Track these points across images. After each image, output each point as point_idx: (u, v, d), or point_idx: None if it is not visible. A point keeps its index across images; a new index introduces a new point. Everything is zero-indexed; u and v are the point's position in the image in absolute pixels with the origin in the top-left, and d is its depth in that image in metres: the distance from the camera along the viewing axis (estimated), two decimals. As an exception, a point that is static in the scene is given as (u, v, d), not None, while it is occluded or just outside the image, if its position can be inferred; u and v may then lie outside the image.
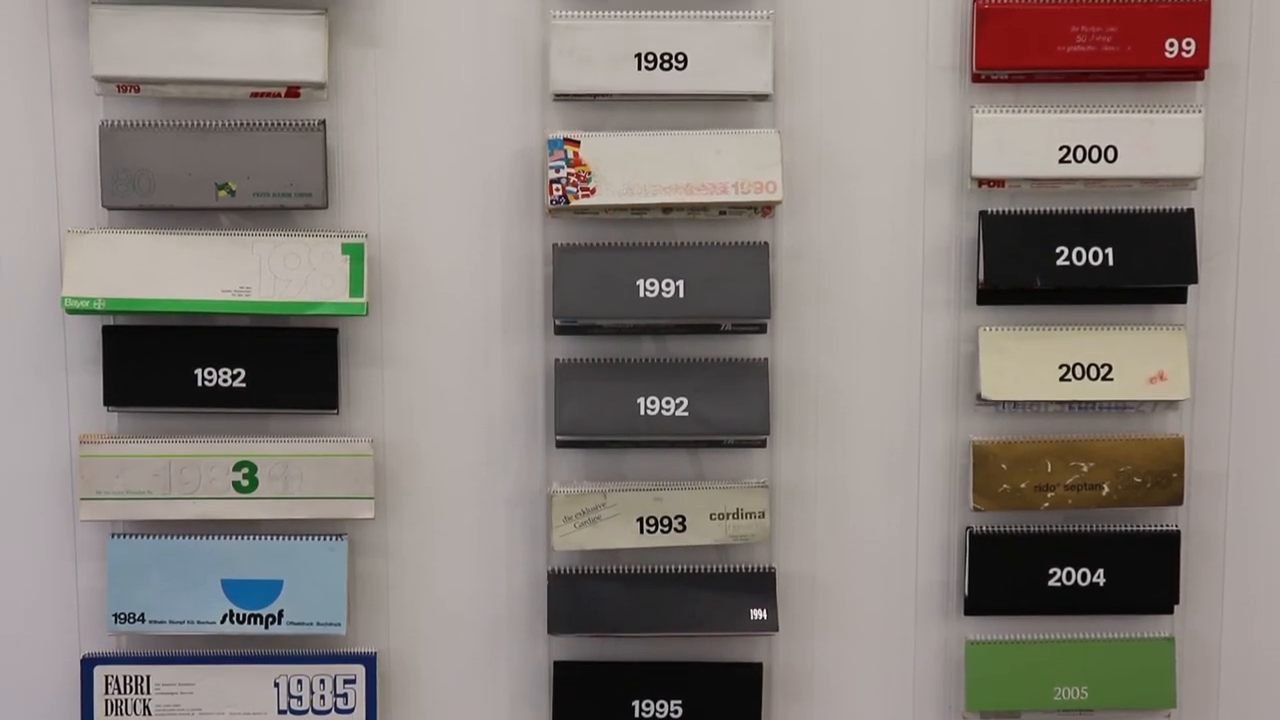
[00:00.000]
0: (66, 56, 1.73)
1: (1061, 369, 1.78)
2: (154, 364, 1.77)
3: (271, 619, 1.78)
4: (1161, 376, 1.79)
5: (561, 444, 1.79)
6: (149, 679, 1.80)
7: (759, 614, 1.79)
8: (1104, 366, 1.78)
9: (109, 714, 1.80)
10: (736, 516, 1.79)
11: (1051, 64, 1.74)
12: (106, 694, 1.80)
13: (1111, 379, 1.78)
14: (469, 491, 1.82)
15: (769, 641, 1.85)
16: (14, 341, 1.78)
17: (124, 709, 1.80)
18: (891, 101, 1.77)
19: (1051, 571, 1.82)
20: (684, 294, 1.75)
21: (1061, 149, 1.75)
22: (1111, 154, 1.75)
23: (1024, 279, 1.77)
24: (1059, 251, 1.77)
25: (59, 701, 1.84)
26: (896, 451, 1.83)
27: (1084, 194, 1.78)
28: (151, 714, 1.80)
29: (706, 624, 1.80)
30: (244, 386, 1.77)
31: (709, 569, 1.81)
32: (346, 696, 1.81)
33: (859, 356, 1.81)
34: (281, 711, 1.80)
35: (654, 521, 1.79)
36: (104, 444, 1.77)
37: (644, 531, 1.79)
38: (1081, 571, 1.82)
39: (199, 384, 1.76)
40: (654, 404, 1.76)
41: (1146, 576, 1.82)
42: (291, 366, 1.77)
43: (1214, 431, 1.84)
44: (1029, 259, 1.77)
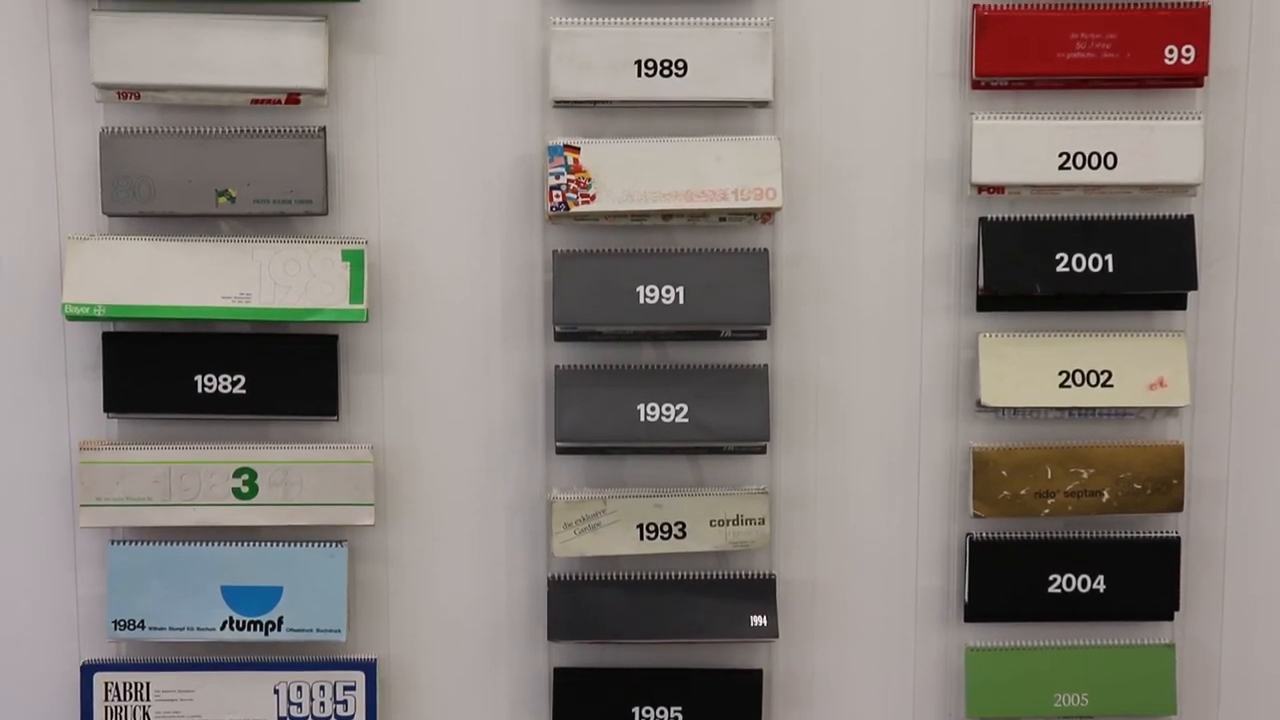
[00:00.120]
0: (67, 63, 1.73)
1: (1061, 375, 1.78)
2: (154, 370, 1.77)
3: (271, 626, 1.78)
4: (1161, 383, 1.79)
5: (561, 450, 1.79)
6: (149, 686, 1.80)
7: (759, 620, 1.79)
8: (1104, 373, 1.78)
9: (109, 720, 1.80)
10: (736, 523, 1.79)
11: (1051, 71, 1.75)
12: (106, 700, 1.80)
13: (1111, 385, 1.78)
14: (469, 498, 1.82)
15: (769, 648, 1.85)
16: (14, 348, 1.79)
17: (124, 715, 1.80)
18: (891, 108, 1.77)
19: (1052, 578, 1.82)
20: (684, 300, 1.75)
21: (1061, 155, 1.75)
22: (1111, 160, 1.75)
23: (1024, 285, 1.77)
24: (1059, 258, 1.77)
25: (59, 708, 1.83)
26: (896, 458, 1.83)
27: (1084, 200, 1.78)
28: (151, 720, 1.81)
29: (706, 630, 1.80)
30: (244, 393, 1.77)
31: (709, 575, 1.81)
32: (346, 703, 1.81)
33: (859, 363, 1.81)
34: (281, 718, 1.80)
35: (654, 528, 1.79)
36: (104, 450, 1.77)
37: (644, 538, 1.79)
38: (1082, 578, 1.82)
39: (199, 390, 1.77)
40: (654, 410, 1.76)
41: (1147, 583, 1.82)
42: (291, 373, 1.77)
43: (1214, 438, 1.84)
44: (1029, 265, 1.77)
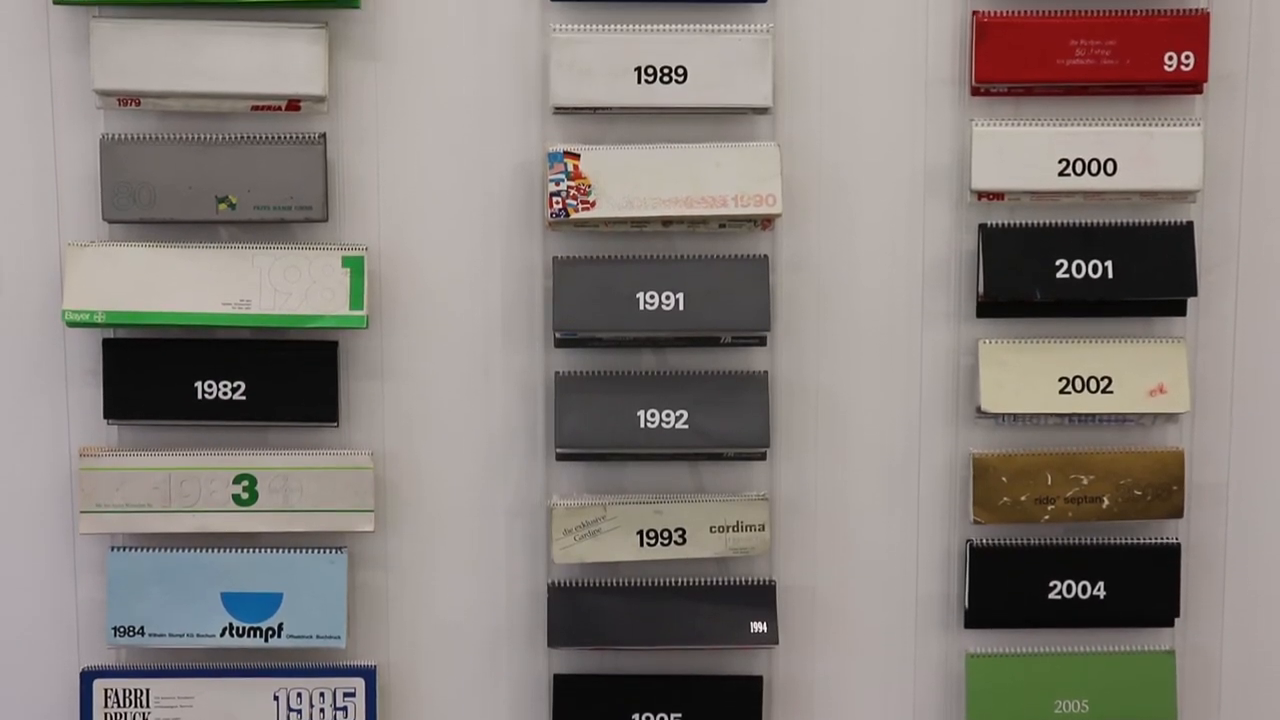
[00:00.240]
0: (67, 70, 1.74)
1: (1061, 382, 1.78)
2: (154, 377, 1.77)
3: (271, 632, 1.78)
4: (1161, 389, 1.79)
5: (561, 456, 1.79)
6: (148, 692, 1.80)
7: (759, 627, 1.79)
8: (1104, 379, 1.78)
9: (108, 727, 1.80)
10: (736, 529, 1.79)
11: (1051, 77, 1.75)
12: (106, 707, 1.80)
13: (1111, 392, 1.78)
14: (469, 504, 1.82)
15: (769, 654, 1.85)
16: (14, 354, 1.79)
17: (123, 722, 1.80)
18: (891, 114, 1.77)
19: (1052, 584, 1.82)
20: (684, 307, 1.75)
21: (1061, 162, 1.75)
22: (1111, 167, 1.75)
23: (1024, 291, 1.77)
24: (1059, 264, 1.77)
25: (58, 715, 1.83)
26: (896, 464, 1.83)
27: (1083, 207, 1.78)
28: (151, 727, 1.81)
29: (706, 637, 1.79)
30: (244, 399, 1.77)
31: (709, 582, 1.81)
32: (346, 710, 1.81)
33: (859, 369, 1.81)
34: (281, 725, 1.81)
35: (654, 534, 1.79)
36: (104, 457, 1.77)
37: (644, 544, 1.79)
38: (1082, 584, 1.82)
39: (199, 397, 1.77)
40: (654, 416, 1.76)
41: (1147, 589, 1.82)
42: (291, 379, 1.77)
43: (1214, 444, 1.84)
44: (1029, 271, 1.77)
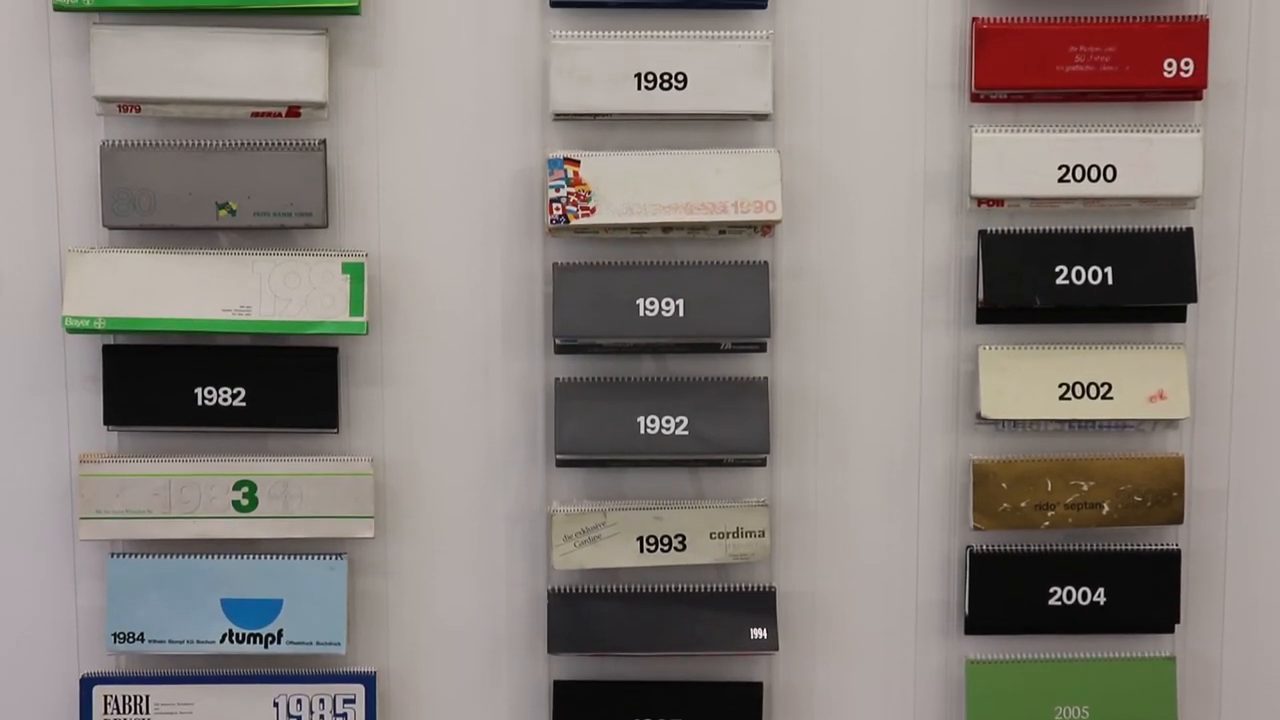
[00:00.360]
0: (68, 76, 1.74)
1: (1061, 388, 1.78)
2: (154, 383, 1.77)
3: (271, 638, 1.78)
4: (1161, 395, 1.79)
5: (561, 463, 1.79)
6: (148, 699, 1.80)
7: (759, 633, 1.79)
8: (1104, 385, 1.79)
9: (108, 734, 1.80)
10: (736, 535, 1.79)
11: (1050, 84, 1.75)
12: (105, 714, 1.79)
13: (1111, 398, 1.79)
14: (469, 511, 1.82)
15: (769, 661, 1.85)
16: (14, 360, 1.79)
17: (123, 729, 1.80)
18: (891, 121, 1.77)
19: (1052, 590, 1.82)
20: (684, 313, 1.75)
21: (1060, 168, 1.75)
22: (1110, 173, 1.75)
23: (1023, 298, 1.77)
24: (1058, 270, 1.77)
25: (58, 721, 1.84)
26: (896, 470, 1.83)
27: (1083, 213, 1.78)
28: (151, 734, 1.80)
29: (707, 643, 1.79)
30: (244, 405, 1.77)
31: (709, 588, 1.81)
32: (346, 716, 1.80)
33: (859, 375, 1.81)
34: (281, 731, 1.81)
35: (654, 540, 1.79)
36: (104, 463, 1.77)
37: (644, 550, 1.79)
38: (1082, 590, 1.82)
39: (199, 403, 1.77)
40: (654, 423, 1.76)
41: (1147, 595, 1.82)
42: (291, 386, 1.77)
43: (1214, 450, 1.84)
44: (1028, 278, 1.77)
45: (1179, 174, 1.75)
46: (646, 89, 1.72)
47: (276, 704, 1.80)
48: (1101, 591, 1.82)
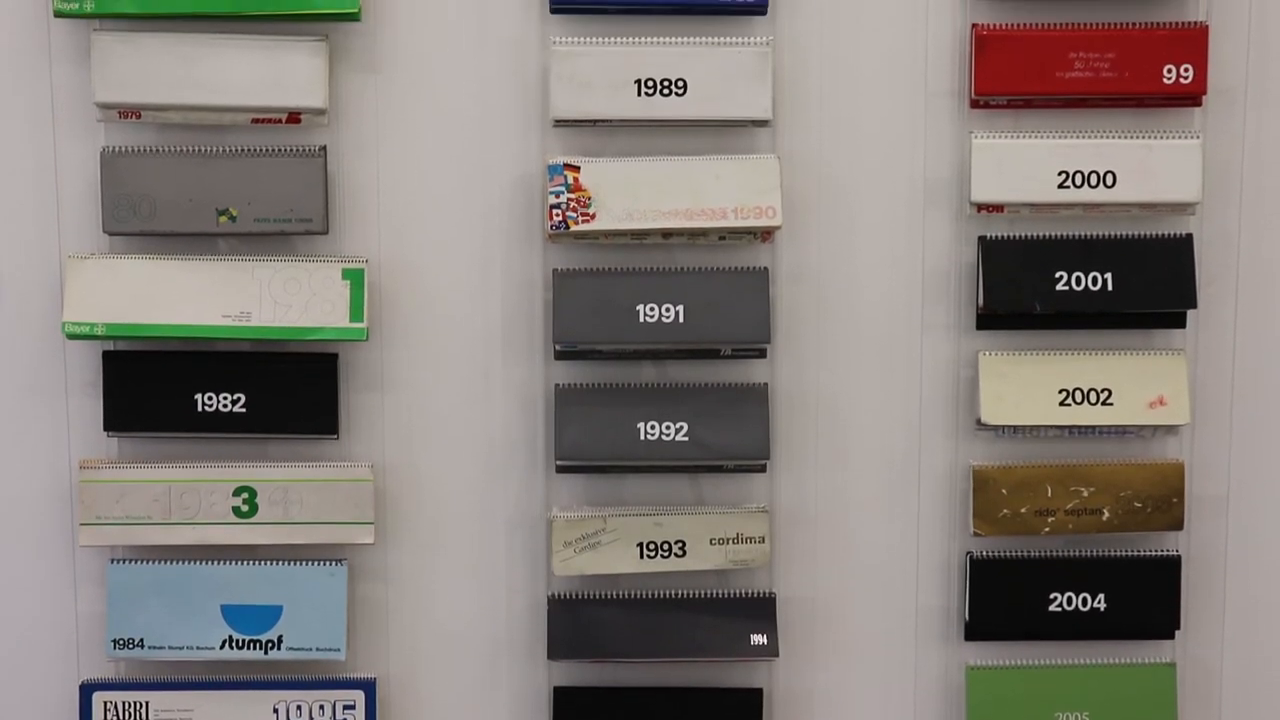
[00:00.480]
0: (68, 82, 1.74)
1: (1061, 394, 1.78)
2: (154, 389, 1.77)
3: (271, 644, 1.78)
4: (1161, 401, 1.79)
5: (561, 469, 1.79)
6: (148, 705, 1.80)
7: (759, 639, 1.79)
8: (1104, 391, 1.78)
9: (108, 740, 1.80)
10: (736, 541, 1.79)
11: (1050, 90, 1.75)
12: (105, 720, 1.80)
13: (1111, 404, 1.79)
14: (469, 517, 1.82)
15: (769, 667, 1.85)
16: (14, 366, 1.79)
17: (123, 735, 1.80)
18: (891, 127, 1.77)
19: (1052, 596, 1.81)
20: (684, 319, 1.75)
21: (1060, 174, 1.75)
22: (1110, 179, 1.75)
23: (1023, 304, 1.77)
24: (1058, 276, 1.77)
25: (58, 728, 1.84)
26: (896, 476, 1.83)
27: (1083, 219, 1.78)
28: (150, 740, 1.80)
29: (707, 649, 1.79)
30: (244, 411, 1.77)
31: (709, 594, 1.81)
32: (346, 722, 1.81)
33: (859, 381, 1.81)
34: (281, 737, 1.81)
35: (654, 546, 1.79)
36: (104, 469, 1.77)
37: (644, 556, 1.79)
38: (1082, 596, 1.82)
39: (199, 409, 1.77)
40: (654, 429, 1.76)
41: (1147, 601, 1.82)
42: (291, 392, 1.77)
43: (1214, 456, 1.84)
44: (1028, 284, 1.77)
45: (1178, 180, 1.75)
46: (646, 95, 1.72)
47: (276, 710, 1.80)
48: (1102, 597, 1.82)
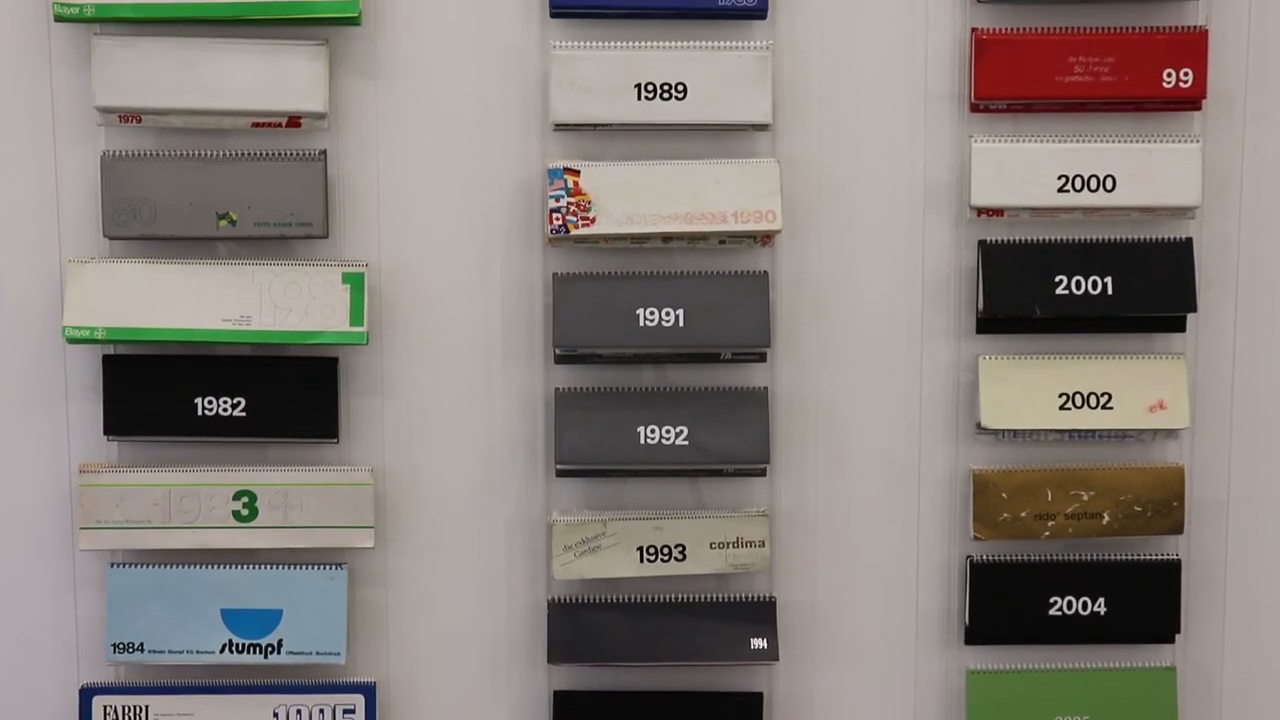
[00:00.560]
0: (68, 87, 1.74)
1: (1061, 398, 1.78)
2: (154, 393, 1.77)
3: (271, 649, 1.78)
4: (1161, 405, 1.79)
5: (561, 473, 1.79)
6: (148, 709, 1.80)
7: (759, 643, 1.79)
8: (1104, 395, 1.79)
9: (108, 744, 1.80)
10: (736, 545, 1.79)
11: (1050, 94, 1.75)
12: (105, 724, 1.80)
13: (1111, 408, 1.79)
14: (469, 520, 1.82)
15: (769, 671, 1.85)
16: (14, 370, 1.79)
17: (123, 739, 1.80)
18: (891, 131, 1.78)
19: (1052, 600, 1.81)
20: (684, 323, 1.75)
21: (1060, 178, 1.75)
22: (1110, 183, 1.75)
23: (1023, 308, 1.77)
24: (1058, 280, 1.77)
25: (58, 732, 1.84)
26: (896, 480, 1.83)
27: (1083, 223, 1.78)
28: (150, 744, 1.80)
29: (707, 653, 1.79)
30: (244, 415, 1.77)
31: (709, 598, 1.81)
32: (346, 727, 1.81)
33: (859, 385, 1.81)
34: (281, 741, 1.80)
35: (654, 550, 1.79)
36: (104, 473, 1.77)
37: (644, 560, 1.79)
38: (1082, 600, 1.82)
39: (199, 413, 1.77)
40: (654, 433, 1.76)
41: (1147, 605, 1.82)
42: (291, 396, 1.77)
43: (1214, 460, 1.84)
44: (1028, 288, 1.77)
45: (1178, 184, 1.75)
46: (646, 99, 1.72)
47: (276, 714, 1.80)
48: (1102, 601, 1.82)
